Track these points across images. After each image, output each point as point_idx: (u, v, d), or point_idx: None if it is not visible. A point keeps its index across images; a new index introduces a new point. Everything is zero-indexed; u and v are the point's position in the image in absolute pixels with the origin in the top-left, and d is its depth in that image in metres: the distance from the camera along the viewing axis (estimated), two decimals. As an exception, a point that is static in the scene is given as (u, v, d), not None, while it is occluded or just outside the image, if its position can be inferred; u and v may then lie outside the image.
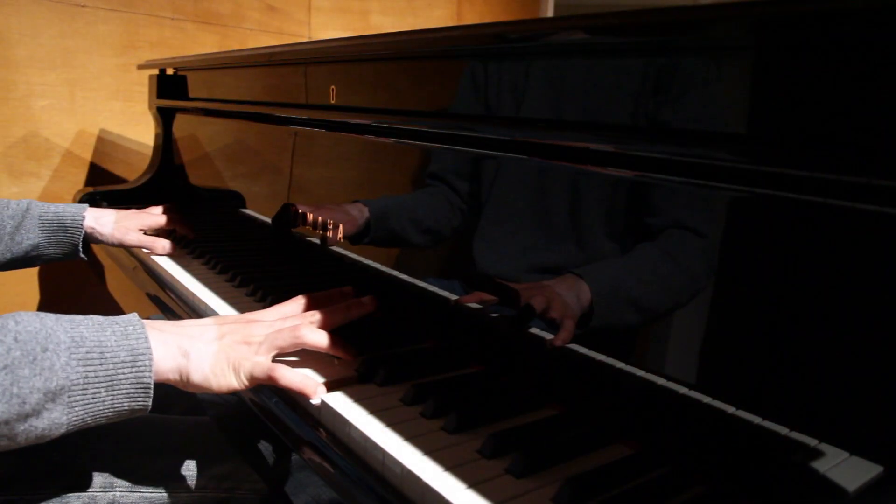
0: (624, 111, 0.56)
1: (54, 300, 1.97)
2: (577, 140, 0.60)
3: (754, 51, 0.46)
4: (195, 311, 0.92)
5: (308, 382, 0.62)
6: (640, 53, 0.54)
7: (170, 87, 1.54)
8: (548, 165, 0.63)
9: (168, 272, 1.05)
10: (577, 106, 0.61)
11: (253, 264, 1.06)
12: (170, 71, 1.54)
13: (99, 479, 0.68)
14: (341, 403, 0.61)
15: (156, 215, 1.19)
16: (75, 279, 1.94)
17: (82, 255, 1.07)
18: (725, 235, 0.49)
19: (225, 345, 0.63)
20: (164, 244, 1.15)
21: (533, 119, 0.64)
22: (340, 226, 0.89)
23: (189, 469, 0.73)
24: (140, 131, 2.02)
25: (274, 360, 0.65)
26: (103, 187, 1.52)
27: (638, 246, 0.55)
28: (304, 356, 0.70)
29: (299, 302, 0.72)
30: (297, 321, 0.68)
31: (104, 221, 1.11)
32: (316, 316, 0.69)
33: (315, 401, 0.62)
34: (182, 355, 0.60)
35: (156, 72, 1.56)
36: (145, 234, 1.16)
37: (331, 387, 0.64)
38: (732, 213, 0.49)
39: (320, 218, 0.93)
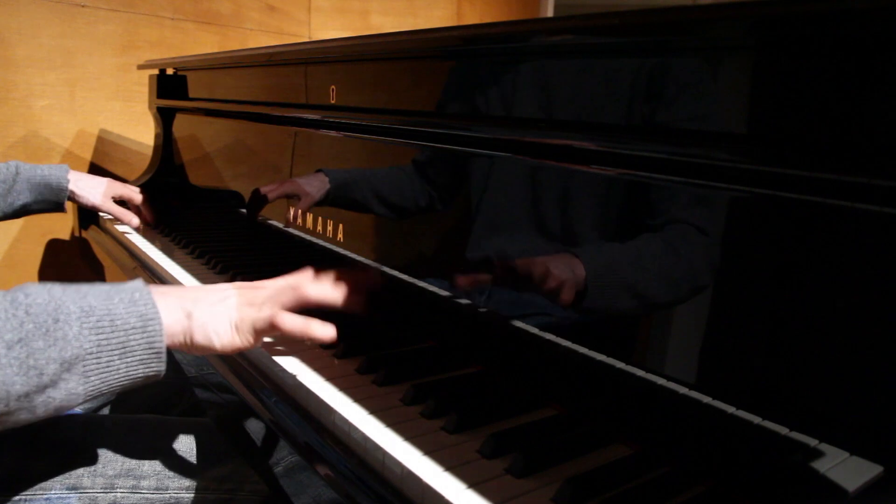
0: (625, 111, 0.56)
1: (54, 300, 1.97)
2: (578, 140, 0.60)
3: (754, 51, 0.46)
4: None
5: (312, 324, 0.62)
6: (641, 53, 0.54)
7: (170, 87, 1.54)
8: (549, 166, 0.63)
9: (168, 272, 1.05)
10: (578, 106, 0.61)
11: (253, 264, 1.06)
12: (170, 71, 1.54)
13: (100, 479, 0.69)
14: (341, 403, 0.61)
15: (131, 189, 1.37)
16: (75, 279, 1.93)
17: (64, 210, 1.27)
18: (725, 236, 0.49)
19: (228, 306, 0.63)
20: (132, 218, 1.33)
21: (534, 119, 0.64)
22: (304, 196, 0.96)
23: (190, 470, 0.73)
24: (140, 131, 2.02)
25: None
26: (103, 187, 1.52)
27: (640, 236, 0.55)
28: (303, 356, 0.70)
29: (304, 274, 0.73)
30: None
31: (83, 185, 1.29)
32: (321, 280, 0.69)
33: (326, 336, 0.65)
34: (186, 317, 0.60)
35: (156, 72, 1.56)
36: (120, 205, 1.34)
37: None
38: (732, 213, 0.49)
39: (284, 192, 1.02)
